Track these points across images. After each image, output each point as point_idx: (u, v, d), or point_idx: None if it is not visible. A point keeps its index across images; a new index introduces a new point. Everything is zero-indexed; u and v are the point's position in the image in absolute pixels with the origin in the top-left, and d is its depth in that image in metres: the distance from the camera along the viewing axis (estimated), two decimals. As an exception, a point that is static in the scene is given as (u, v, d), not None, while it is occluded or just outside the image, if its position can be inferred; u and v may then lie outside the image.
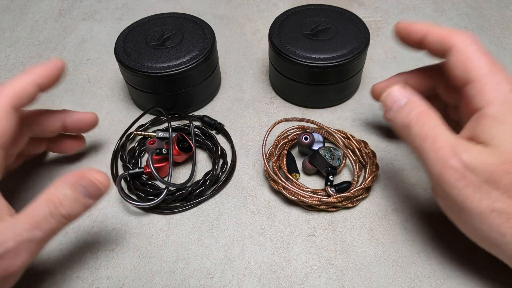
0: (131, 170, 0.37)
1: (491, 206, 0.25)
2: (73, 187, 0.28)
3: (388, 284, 0.31)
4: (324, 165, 0.36)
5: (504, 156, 0.26)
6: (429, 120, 0.28)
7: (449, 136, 0.27)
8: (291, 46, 0.42)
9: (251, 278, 0.32)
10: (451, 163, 0.26)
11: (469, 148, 0.27)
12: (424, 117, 0.29)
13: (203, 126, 0.43)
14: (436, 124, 0.28)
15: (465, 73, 0.29)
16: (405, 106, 0.30)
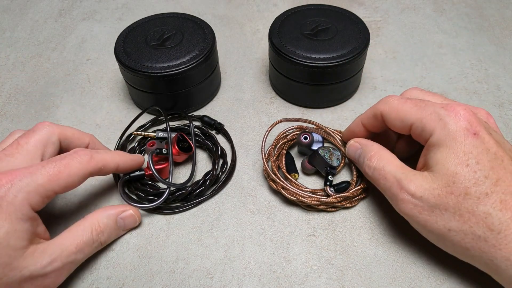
0: (132, 173, 0.37)
1: (447, 226, 0.28)
2: (113, 219, 0.33)
3: (388, 284, 0.31)
4: (323, 165, 0.36)
5: (445, 178, 0.28)
6: (378, 162, 0.32)
7: (395, 172, 0.30)
8: (291, 46, 0.42)
9: (251, 278, 0.32)
10: (401, 196, 0.29)
11: (414, 179, 0.29)
12: (373, 160, 0.32)
13: (203, 126, 0.43)
14: (384, 164, 0.31)
15: (402, 124, 0.31)
16: (360, 156, 0.34)
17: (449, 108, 0.29)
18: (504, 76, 0.48)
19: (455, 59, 0.51)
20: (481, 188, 0.27)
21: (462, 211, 0.27)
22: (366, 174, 0.33)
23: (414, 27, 0.56)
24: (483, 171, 0.27)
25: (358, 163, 0.35)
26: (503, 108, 0.44)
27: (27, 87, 0.49)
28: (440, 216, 0.28)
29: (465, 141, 0.28)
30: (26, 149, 0.31)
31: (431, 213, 0.28)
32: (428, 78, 0.48)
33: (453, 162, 0.27)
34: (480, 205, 0.26)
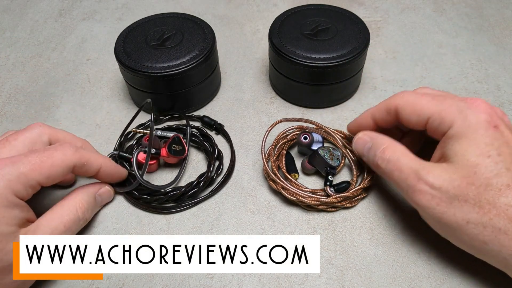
0: (122, 152, 0.38)
1: (465, 218, 0.27)
2: (93, 196, 0.34)
3: (388, 284, 0.31)
4: (323, 165, 0.36)
5: (465, 169, 0.27)
6: (392, 154, 0.31)
7: (412, 164, 0.30)
8: (291, 46, 0.42)
9: (251, 278, 0.32)
10: (419, 187, 0.28)
11: (432, 170, 0.28)
12: (387, 153, 0.31)
13: (202, 126, 0.43)
14: (399, 156, 0.31)
15: (419, 118, 0.31)
16: (371, 149, 0.33)
17: (469, 101, 0.29)
18: (504, 76, 0.48)
19: (455, 59, 0.51)
20: (502, 180, 0.26)
21: (482, 203, 0.26)
22: (377, 167, 0.32)
23: (414, 27, 0.56)
24: (504, 162, 0.26)
25: (367, 157, 0.34)
26: (503, 108, 0.44)
27: (27, 87, 0.49)
28: (459, 207, 0.27)
29: (486, 133, 0.27)
30: (14, 145, 0.31)
31: (449, 205, 0.27)
32: (428, 78, 0.48)
33: (475, 153, 0.27)
34: (502, 197, 0.26)
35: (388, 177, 0.32)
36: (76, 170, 0.31)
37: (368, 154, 0.33)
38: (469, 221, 0.27)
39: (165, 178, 0.39)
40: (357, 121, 0.37)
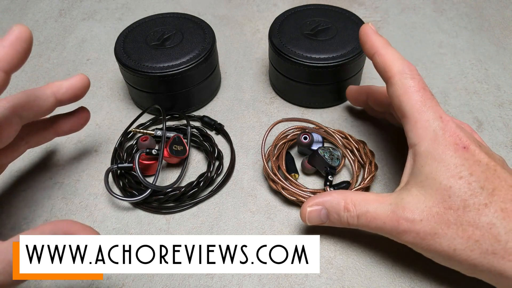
0: (120, 164, 0.37)
1: (452, 246, 0.26)
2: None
3: (388, 284, 0.31)
4: (323, 165, 0.36)
5: (439, 193, 0.27)
6: (358, 207, 0.30)
7: (383, 207, 0.29)
8: (291, 46, 0.42)
9: (251, 278, 0.32)
10: (401, 228, 0.28)
11: (406, 204, 0.28)
12: (351, 209, 0.30)
13: (202, 126, 0.43)
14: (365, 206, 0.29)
15: (399, 107, 0.30)
16: (329, 214, 0.31)
17: (444, 121, 0.28)
18: (504, 76, 0.48)
19: (455, 59, 0.51)
20: (479, 199, 0.26)
21: (464, 226, 0.26)
22: (351, 226, 0.31)
23: (414, 27, 0.56)
24: (477, 182, 0.26)
25: (331, 222, 0.31)
26: (503, 108, 0.44)
27: (27, 87, 0.49)
28: (443, 236, 0.26)
29: (456, 154, 0.27)
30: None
31: (434, 236, 0.27)
32: (428, 78, 0.48)
33: (446, 175, 0.27)
34: (482, 216, 0.25)
35: (366, 229, 0.30)
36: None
37: (330, 219, 0.31)
38: (455, 248, 0.26)
39: (165, 178, 0.39)
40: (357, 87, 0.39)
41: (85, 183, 0.39)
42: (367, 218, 0.29)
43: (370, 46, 0.32)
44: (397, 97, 0.30)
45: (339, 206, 0.30)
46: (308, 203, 0.32)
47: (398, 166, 0.39)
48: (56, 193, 0.38)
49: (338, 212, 0.30)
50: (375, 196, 0.30)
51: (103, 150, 0.42)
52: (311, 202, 0.32)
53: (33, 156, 0.41)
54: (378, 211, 0.29)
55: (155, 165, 0.38)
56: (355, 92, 0.42)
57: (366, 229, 0.30)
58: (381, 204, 0.29)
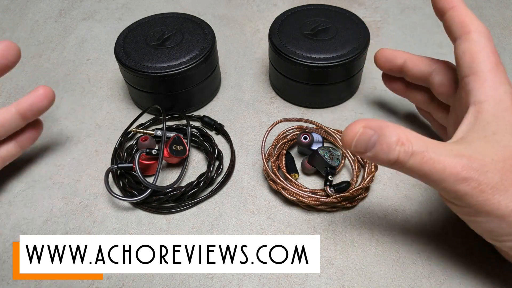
0: (120, 164, 0.37)
1: (510, 205, 0.25)
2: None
3: (388, 284, 0.31)
4: (323, 165, 0.36)
5: (508, 150, 0.26)
6: (415, 144, 0.26)
7: (445, 150, 0.26)
8: (291, 46, 0.42)
9: (251, 278, 0.32)
10: (463, 175, 0.25)
11: (472, 153, 0.26)
12: (408, 144, 0.26)
13: (202, 126, 0.43)
14: (425, 145, 0.26)
15: (470, 63, 0.29)
16: (378, 143, 0.26)
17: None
18: (504, 76, 0.48)
19: (455, 59, 0.51)
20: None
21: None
22: (397, 164, 0.26)
23: (414, 27, 0.56)
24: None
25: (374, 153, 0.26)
26: (503, 108, 0.44)
27: (27, 87, 0.49)
28: (503, 194, 0.25)
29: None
30: None
31: (493, 192, 0.25)
32: (428, 78, 0.48)
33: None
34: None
35: (413, 171, 0.26)
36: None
37: (377, 149, 0.26)
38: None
39: (165, 178, 0.39)
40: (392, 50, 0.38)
41: (85, 183, 0.39)
42: (423, 158, 0.25)
43: (447, 2, 0.33)
44: (472, 53, 0.30)
45: (392, 138, 0.26)
46: (361, 122, 0.26)
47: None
48: (56, 193, 0.38)
49: (389, 144, 0.26)
50: (432, 139, 0.27)
51: (103, 150, 0.42)
52: (365, 123, 0.26)
53: (33, 156, 0.41)
54: (439, 152, 0.26)
55: (155, 165, 0.38)
56: (389, 54, 0.38)
57: (414, 171, 0.26)
58: (442, 147, 0.26)
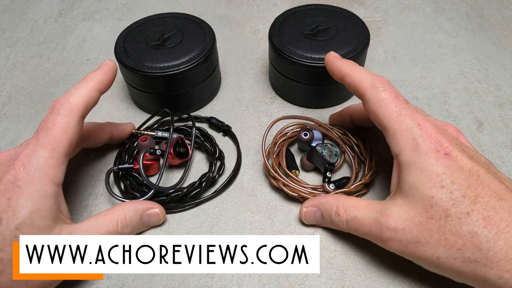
0: (121, 165, 0.37)
1: (435, 254, 0.26)
2: (139, 214, 0.33)
3: (388, 284, 0.31)
4: (321, 162, 0.36)
5: (422, 203, 0.27)
6: (346, 213, 0.31)
7: (368, 214, 0.29)
8: (291, 46, 0.42)
9: (251, 278, 0.32)
10: (385, 236, 0.28)
11: (390, 213, 0.28)
12: (341, 214, 0.31)
13: (204, 128, 0.43)
14: (353, 212, 0.31)
15: (377, 120, 0.30)
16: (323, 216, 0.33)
17: (423, 127, 0.28)
18: (504, 76, 0.48)
19: (455, 59, 0.51)
20: (460, 208, 0.26)
21: (447, 235, 0.26)
22: (342, 230, 0.32)
23: (414, 27, 0.56)
24: (459, 190, 0.26)
25: (325, 223, 0.33)
26: (503, 108, 0.44)
27: (27, 87, 0.49)
28: (426, 245, 0.27)
29: (437, 162, 0.27)
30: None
31: (417, 244, 0.27)
32: (428, 78, 0.48)
33: (427, 185, 0.27)
34: (464, 225, 0.25)
35: (355, 234, 0.31)
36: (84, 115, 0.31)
37: (324, 221, 0.33)
38: (439, 256, 0.26)
39: (166, 179, 0.39)
40: (338, 113, 0.40)
41: (85, 183, 0.39)
42: (355, 224, 0.30)
43: (338, 70, 0.33)
44: (373, 111, 0.30)
45: (332, 210, 0.32)
46: (306, 204, 0.34)
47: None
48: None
49: (330, 215, 0.32)
50: (365, 203, 0.31)
51: (103, 150, 0.42)
52: (308, 203, 0.34)
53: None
54: (365, 218, 0.30)
55: (155, 165, 0.38)
56: (337, 118, 0.41)
57: (355, 233, 0.31)
58: (367, 211, 0.30)
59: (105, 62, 0.34)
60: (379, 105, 0.30)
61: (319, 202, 0.33)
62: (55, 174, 0.28)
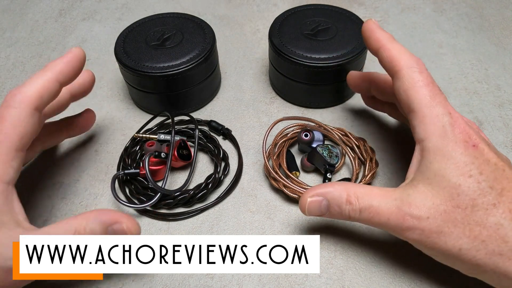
0: (127, 170, 0.37)
1: (457, 245, 0.26)
2: (103, 227, 0.28)
3: (388, 284, 0.31)
4: (321, 163, 0.36)
5: (448, 191, 0.26)
6: (361, 200, 0.28)
7: (388, 202, 0.28)
8: (291, 46, 0.42)
9: (251, 278, 0.32)
10: (406, 225, 0.27)
11: (413, 200, 0.27)
12: (354, 202, 0.29)
13: (210, 130, 0.43)
14: (369, 200, 0.28)
15: (406, 101, 0.29)
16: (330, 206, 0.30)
17: (454, 117, 0.27)
18: (504, 76, 0.48)
19: (455, 59, 0.51)
20: (487, 199, 0.25)
21: (472, 225, 0.25)
22: (352, 219, 0.29)
23: (414, 27, 0.56)
24: (487, 181, 0.26)
25: (330, 214, 0.30)
26: (503, 108, 0.44)
27: (27, 87, 0.49)
28: (449, 235, 0.26)
29: (466, 152, 0.26)
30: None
31: (439, 234, 0.26)
32: (428, 78, 0.48)
33: (455, 173, 0.26)
34: (490, 216, 0.25)
35: (367, 224, 0.29)
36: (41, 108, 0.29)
37: (331, 211, 0.30)
38: (461, 247, 0.26)
39: (169, 182, 0.39)
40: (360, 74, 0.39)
41: (85, 183, 0.39)
42: (370, 213, 0.28)
43: (375, 40, 0.32)
44: (404, 91, 0.29)
45: (341, 198, 0.29)
46: (309, 193, 0.30)
47: (399, 164, 0.39)
48: (56, 193, 0.38)
49: (339, 204, 0.29)
50: (379, 191, 0.29)
51: (103, 150, 0.42)
52: (312, 192, 0.30)
53: (33, 156, 0.41)
54: (383, 206, 0.28)
55: (161, 171, 0.38)
56: (357, 78, 0.40)
57: (368, 223, 0.29)
58: (385, 198, 0.28)
59: (70, 50, 0.31)
60: (412, 86, 0.28)
61: (325, 191, 0.30)
62: (3, 171, 0.26)
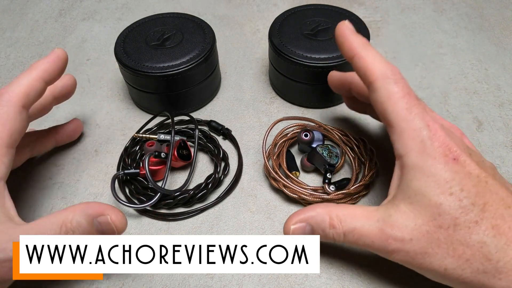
0: (127, 170, 0.37)
1: (442, 265, 0.25)
2: (89, 220, 0.28)
3: (388, 284, 0.31)
4: (321, 163, 0.36)
5: (429, 211, 0.25)
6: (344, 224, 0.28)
7: (371, 224, 0.27)
8: (291, 46, 0.42)
9: (251, 278, 0.32)
10: (391, 248, 0.26)
11: (395, 222, 0.26)
12: (337, 225, 0.28)
13: (210, 130, 0.43)
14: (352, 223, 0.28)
15: (384, 115, 0.28)
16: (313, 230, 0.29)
17: (432, 129, 0.26)
18: (504, 76, 0.48)
19: (455, 59, 0.51)
20: (469, 217, 0.25)
21: (455, 245, 0.25)
22: (337, 242, 0.29)
23: (414, 27, 0.56)
24: (468, 198, 0.25)
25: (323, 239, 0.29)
26: (503, 108, 0.44)
27: (27, 87, 0.49)
28: (434, 256, 0.25)
29: (445, 168, 0.25)
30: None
31: (424, 255, 0.26)
32: (428, 78, 0.48)
33: (436, 192, 0.25)
34: (473, 235, 0.25)
35: (354, 246, 0.29)
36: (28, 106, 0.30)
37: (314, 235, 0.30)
38: (446, 267, 0.25)
39: (170, 182, 0.39)
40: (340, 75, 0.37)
41: (85, 183, 0.39)
42: (354, 236, 0.28)
43: (348, 47, 0.29)
44: (380, 104, 0.28)
45: (324, 222, 0.29)
46: (292, 220, 0.29)
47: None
48: (56, 193, 0.38)
49: (323, 229, 0.29)
50: (362, 211, 0.28)
51: (102, 150, 0.42)
52: (295, 219, 0.29)
53: (33, 156, 0.41)
54: (366, 228, 0.27)
55: (161, 171, 0.38)
56: (337, 79, 0.38)
57: (353, 246, 0.29)
58: (368, 220, 0.27)
59: (53, 51, 0.32)
60: (388, 98, 0.27)
61: (308, 216, 0.29)
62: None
